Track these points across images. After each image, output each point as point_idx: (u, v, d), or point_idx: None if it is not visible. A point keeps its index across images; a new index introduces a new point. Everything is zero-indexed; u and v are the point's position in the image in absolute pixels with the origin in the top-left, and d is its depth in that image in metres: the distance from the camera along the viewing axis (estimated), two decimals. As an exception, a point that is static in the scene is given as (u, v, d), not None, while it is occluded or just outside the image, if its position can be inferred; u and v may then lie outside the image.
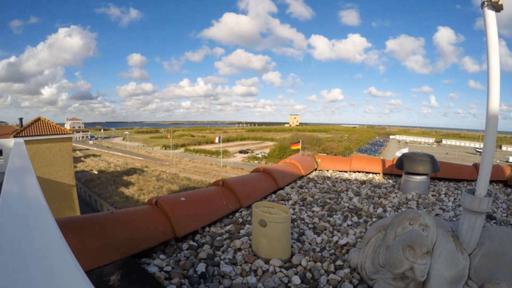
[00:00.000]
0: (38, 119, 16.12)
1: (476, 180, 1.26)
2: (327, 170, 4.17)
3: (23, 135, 14.21)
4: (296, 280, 1.33)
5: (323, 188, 3.12)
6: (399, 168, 3.03)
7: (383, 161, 4.02)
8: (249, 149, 72.40)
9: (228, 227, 1.92)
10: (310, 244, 1.72)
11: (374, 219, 2.17)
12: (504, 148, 78.97)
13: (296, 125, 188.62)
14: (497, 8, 1.17)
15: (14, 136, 12.66)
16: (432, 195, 2.87)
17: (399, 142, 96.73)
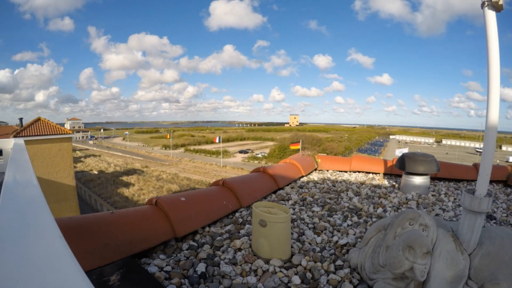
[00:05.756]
0: (38, 119, 16.11)
1: (476, 180, 1.26)
2: (327, 170, 4.17)
3: (23, 135, 14.21)
4: (296, 280, 1.33)
5: (323, 188, 3.12)
6: (399, 168, 3.02)
7: (383, 161, 4.02)
8: (249, 149, 72.39)
9: (228, 227, 1.92)
10: (310, 244, 1.72)
11: (374, 219, 2.17)
12: (504, 148, 78.93)
13: (296, 125, 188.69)
14: (497, 8, 1.17)
15: (14, 136, 12.66)
16: (432, 195, 2.87)
17: (399, 142, 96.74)
